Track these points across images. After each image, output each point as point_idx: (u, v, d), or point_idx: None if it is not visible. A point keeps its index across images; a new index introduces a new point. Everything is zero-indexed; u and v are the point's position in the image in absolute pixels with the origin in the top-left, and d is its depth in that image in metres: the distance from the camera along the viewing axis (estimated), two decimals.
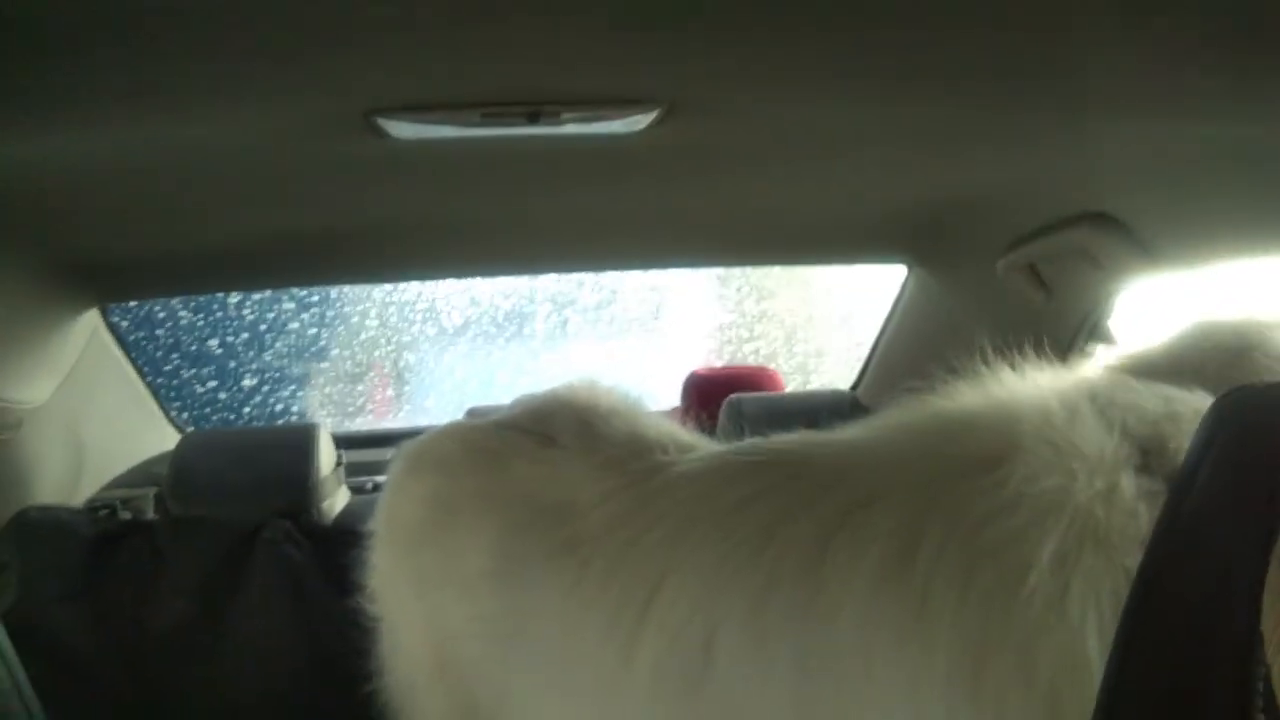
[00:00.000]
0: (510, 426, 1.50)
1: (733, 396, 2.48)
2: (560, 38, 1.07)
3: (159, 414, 2.73)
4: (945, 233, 2.15)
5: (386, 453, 2.81)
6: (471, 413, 2.59)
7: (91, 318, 2.32)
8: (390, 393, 3.81)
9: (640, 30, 1.06)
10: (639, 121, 1.32)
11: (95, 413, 2.41)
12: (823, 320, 3.69)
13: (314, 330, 3.74)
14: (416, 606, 1.48)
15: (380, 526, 1.59)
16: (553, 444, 1.42)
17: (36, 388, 2.16)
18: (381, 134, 1.30)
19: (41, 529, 2.09)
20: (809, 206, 2.00)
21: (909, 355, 2.61)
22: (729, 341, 3.85)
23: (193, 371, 3.47)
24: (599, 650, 1.19)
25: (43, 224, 1.75)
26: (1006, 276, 2.03)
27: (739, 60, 1.17)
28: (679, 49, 1.13)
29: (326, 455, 2.29)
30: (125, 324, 2.62)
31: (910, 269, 2.51)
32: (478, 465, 1.46)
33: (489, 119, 1.28)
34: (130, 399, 2.61)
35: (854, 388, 2.79)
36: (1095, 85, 1.23)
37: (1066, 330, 2.02)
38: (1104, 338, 2.00)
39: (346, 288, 3.72)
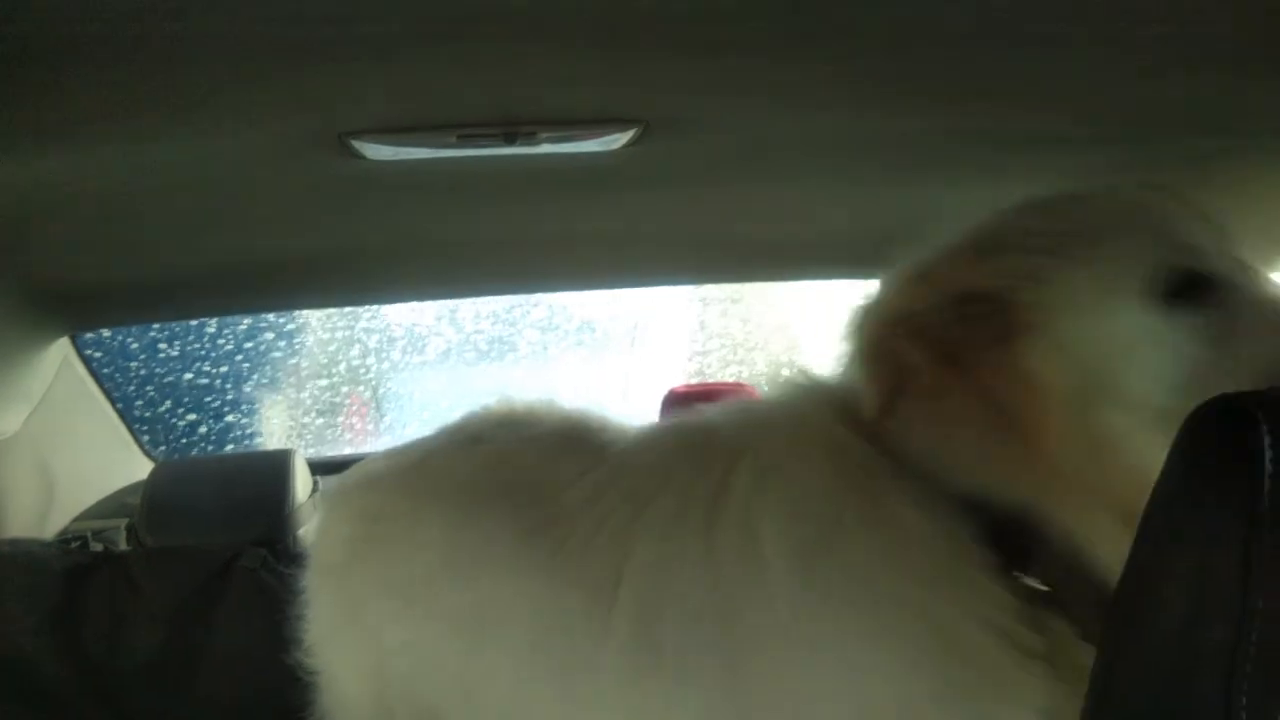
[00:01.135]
0: (433, 440, 1.50)
1: None
2: (536, 58, 1.07)
3: (131, 443, 2.69)
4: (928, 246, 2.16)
5: None
6: None
7: (62, 346, 2.29)
8: (367, 418, 3.78)
9: (616, 50, 1.06)
10: (616, 140, 1.32)
11: (66, 442, 2.37)
12: (801, 337, 3.70)
13: (289, 356, 3.71)
14: (349, 639, 1.44)
15: (310, 566, 1.55)
16: (479, 443, 1.42)
17: (6, 418, 2.13)
18: (356, 155, 1.29)
19: (13, 562, 2.05)
20: (786, 222, 2.00)
21: None
22: (707, 359, 3.85)
23: (165, 399, 3.42)
24: (579, 628, 1.19)
25: (11, 250, 1.73)
26: None
27: (715, 79, 1.17)
28: (655, 68, 1.13)
29: (302, 481, 2.27)
30: (97, 353, 2.58)
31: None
32: (406, 474, 1.45)
33: (465, 140, 1.28)
34: (102, 428, 2.57)
35: None
36: (1085, 100, 1.24)
37: None
38: None
39: (322, 313, 3.70)
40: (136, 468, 2.60)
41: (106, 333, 2.92)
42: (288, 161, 1.37)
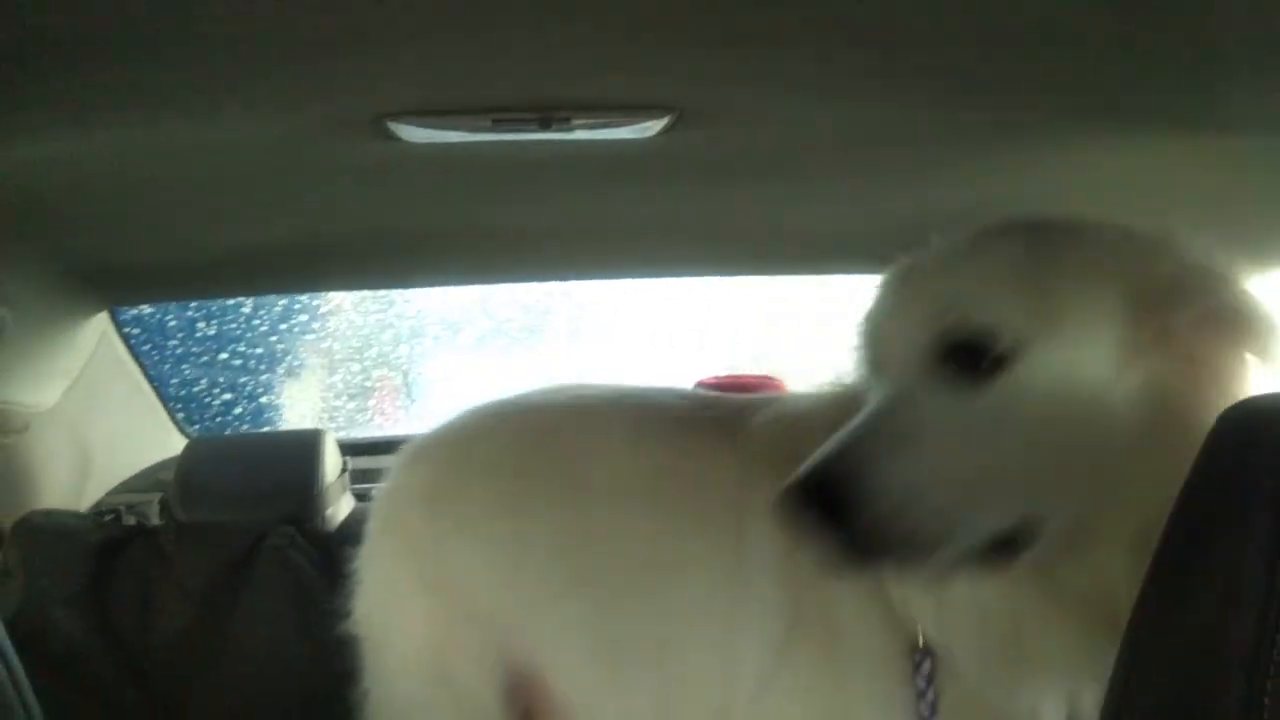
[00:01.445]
0: (515, 398, 1.52)
1: None
2: (572, 44, 1.08)
3: (166, 419, 2.73)
4: None
5: (391, 459, 2.82)
6: None
7: (101, 321, 2.33)
8: (397, 403, 3.81)
9: (652, 37, 1.06)
10: (650, 128, 1.32)
11: (102, 417, 2.41)
12: (830, 329, 3.68)
13: (322, 339, 3.74)
14: (414, 598, 1.45)
15: (376, 526, 1.54)
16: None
17: (44, 391, 2.16)
18: (392, 138, 1.30)
19: (46, 533, 2.09)
20: (818, 215, 2.00)
21: None
22: (737, 350, 3.85)
23: (201, 378, 3.47)
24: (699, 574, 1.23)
25: (54, 228, 1.76)
26: None
27: (750, 68, 1.17)
28: (691, 56, 1.13)
29: (332, 462, 2.29)
30: (135, 330, 2.62)
31: None
32: (493, 424, 1.48)
33: (500, 124, 1.29)
34: (137, 403, 2.61)
35: None
36: (1107, 97, 1.23)
37: None
38: None
39: (357, 297, 3.73)
40: (171, 444, 2.64)
41: (147, 310, 2.96)
42: (326, 143, 1.39)
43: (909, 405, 0.98)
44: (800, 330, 3.73)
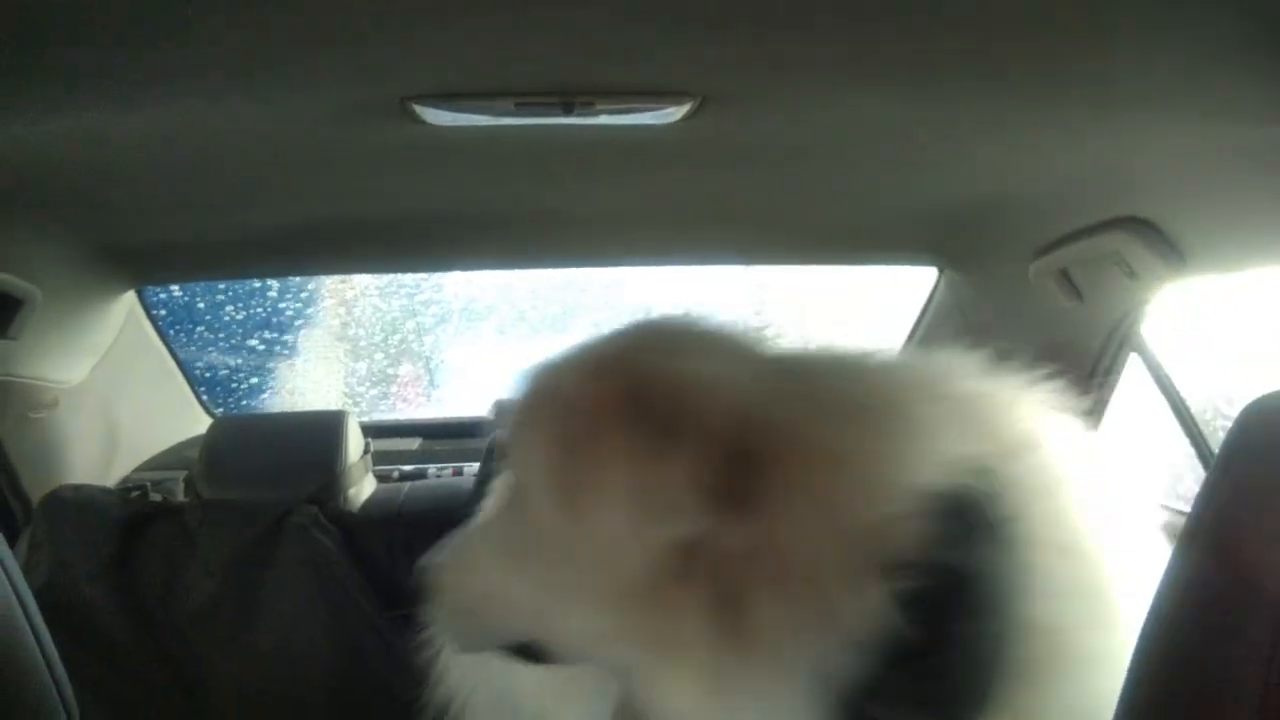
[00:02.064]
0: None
1: None
2: (595, 28, 1.08)
3: (191, 397, 2.76)
4: (978, 235, 2.13)
5: (413, 442, 2.85)
6: (499, 405, 2.59)
7: (129, 300, 2.36)
8: (420, 389, 3.83)
9: (675, 22, 1.07)
10: (672, 114, 1.32)
11: (129, 394, 2.45)
12: (852, 323, 3.67)
13: (348, 325, 3.77)
14: None
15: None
16: None
17: (73, 368, 2.20)
18: (417, 120, 1.31)
19: (73, 508, 2.12)
20: (841, 205, 1.99)
21: None
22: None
23: (227, 360, 3.50)
24: None
25: (82, 205, 1.78)
26: (1038, 281, 2.01)
27: (773, 54, 1.17)
28: (714, 42, 1.13)
29: (355, 443, 2.31)
30: (163, 311, 2.65)
31: (941, 271, 2.49)
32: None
33: (523, 108, 1.29)
34: (164, 382, 2.65)
35: None
36: (1131, 86, 1.22)
37: (1098, 337, 2.00)
38: (1136, 345, 1.98)
39: (382, 283, 3.76)
40: (196, 422, 2.67)
41: (177, 291, 3.00)
42: (350, 125, 1.40)
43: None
44: (822, 320, 3.72)
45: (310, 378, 3.73)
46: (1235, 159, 1.40)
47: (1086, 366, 2.03)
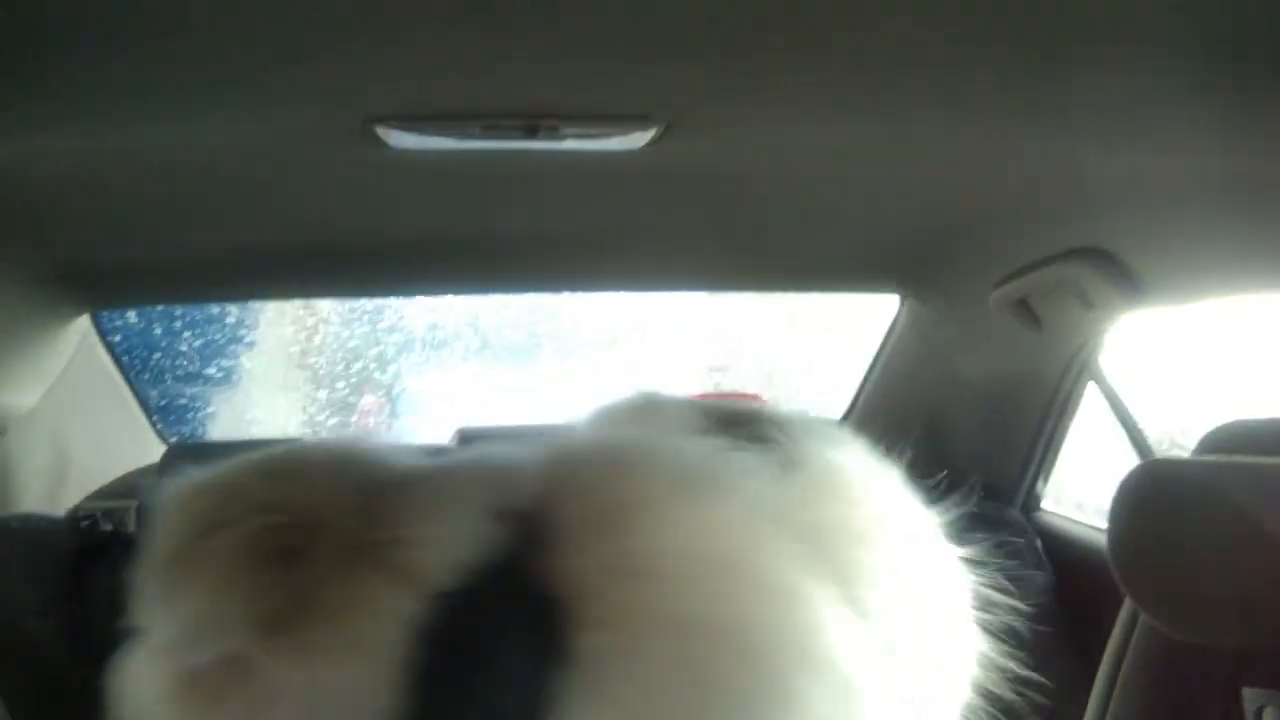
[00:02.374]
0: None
1: None
2: (560, 53, 1.08)
3: (145, 424, 2.71)
4: (939, 263, 2.16)
5: None
6: (461, 433, 2.57)
7: (82, 324, 2.31)
8: (381, 419, 3.80)
9: (640, 48, 1.07)
10: (638, 139, 1.32)
11: (81, 421, 2.39)
12: (815, 350, 3.70)
13: (308, 353, 3.74)
14: None
15: None
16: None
17: (22, 393, 2.15)
18: (380, 143, 1.30)
19: (20, 539, 2.06)
20: (804, 232, 2.01)
21: (899, 387, 2.61)
22: (718, 369, 3.85)
23: (183, 388, 3.45)
24: None
25: (34, 227, 1.75)
26: (998, 310, 2.03)
27: (738, 80, 1.17)
28: (678, 69, 1.13)
29: None
30: (117, 337, 2.61)
31: (903, 300, 2.51)
32: None
33: (488, 131, 1.29)
34: (117, 409, 2.59)
35: (844, 418, 2.79)
36: (1087, 114, 1.23)
37: (1057, 365, 2.02)
38: (1094, 374, 2.01)
39: (343, 310, 3.73)
40: (150, 451, 2.62)
41: (133, 318, 2.95)
42: (313, 147, 1.38)
43: None
44: (794, 347, 3.74)
45: (268, 406, 3.68)
46: (1192, 190, 1.42)
47: (1046, 395, 2.05)
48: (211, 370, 3.51)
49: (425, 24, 0.99)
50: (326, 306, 3.69)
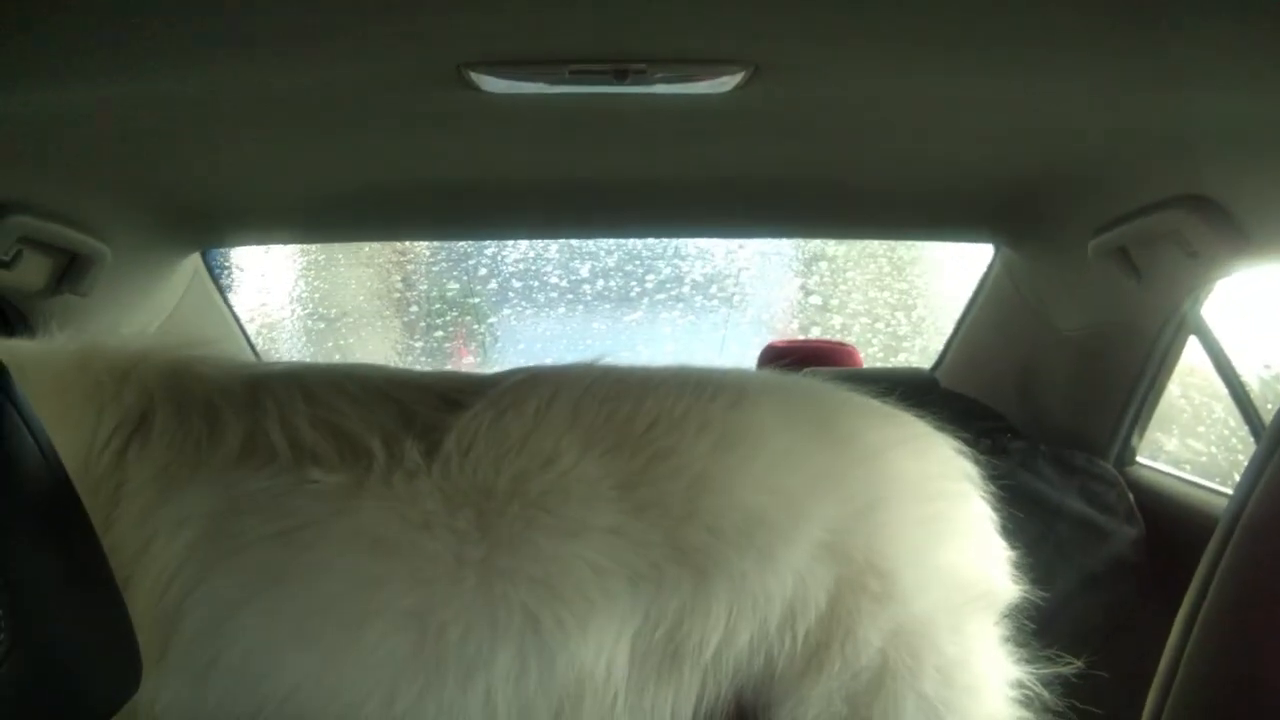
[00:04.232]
0: None
1: (807, 370, 2.47)
2: None
3: (252, 357, 2.82)
4: (1035, 211, 2.10)
5: None
6: None
7: (193, 262, 2.42)
8: (470, 355, 3.87)
9: None
10: (726, 83, 1.32)
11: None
12: (908, 298, 3.64)
13: (407, 291, 3.82)
14: None
15: None
16: None
17: (139, 326, 2.26)
18: (472, 88, 1.33)
19: None
20: (896, 178, 1.97)
21: (991, 338, 2.56)
22: (808, 314, 3.82)
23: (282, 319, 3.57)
24: None
25: (151, 168, 1.83)
26: (1097, 260, 1.97)
27: (827, 23, 1.16)
28: (767, 10, 1.13)
29: None
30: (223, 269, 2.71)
31: (997, 249, 2.46)
32: None
33: (577, 76, 1.30)
34: (226, 344, 2.70)
35: (934, 368, 2.76)
36: (1194, 58, 1.19)
37: (1157, 317, 1.95)
38: (1196, 328, 1.93)
39: (437, 251, 3.79)
40: None
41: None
42: (407, 92, 1.42)
43: None
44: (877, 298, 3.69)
45: (363, 353, 3.77)
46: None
47: (1143, 348, 1.99)
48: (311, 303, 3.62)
49: None
50: (421, 250, 3.76)
